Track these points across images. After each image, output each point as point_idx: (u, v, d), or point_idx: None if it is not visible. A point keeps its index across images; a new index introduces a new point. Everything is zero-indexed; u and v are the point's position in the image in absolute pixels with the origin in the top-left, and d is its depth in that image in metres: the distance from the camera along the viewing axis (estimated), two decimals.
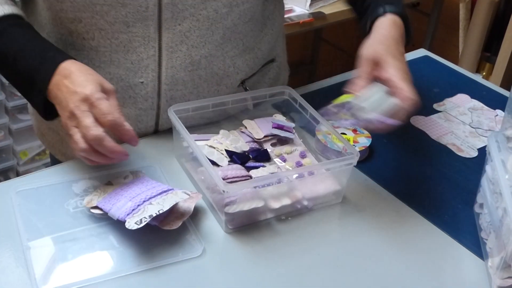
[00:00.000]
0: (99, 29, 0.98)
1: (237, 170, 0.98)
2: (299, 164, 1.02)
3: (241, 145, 1.05)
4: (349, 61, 1.06)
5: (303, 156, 1.05)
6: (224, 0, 1.01)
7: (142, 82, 1.03)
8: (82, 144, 0.85)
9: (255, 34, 1.12)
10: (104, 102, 0.86)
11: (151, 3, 0.96)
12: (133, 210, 0.87)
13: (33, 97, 0.94)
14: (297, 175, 0.95)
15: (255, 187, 0.92)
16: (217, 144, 1.03)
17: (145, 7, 0.96)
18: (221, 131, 1.07)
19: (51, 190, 0.98)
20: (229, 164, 1.00)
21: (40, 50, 0.93)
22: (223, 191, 0.88)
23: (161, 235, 0.90)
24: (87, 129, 0.84)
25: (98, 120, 0.85)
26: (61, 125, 1.11)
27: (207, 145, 1.03)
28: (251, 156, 1.03)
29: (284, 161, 1.04)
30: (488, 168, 0.96)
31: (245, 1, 1.04)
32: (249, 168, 1.00)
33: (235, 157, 1.01)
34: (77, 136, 0.85)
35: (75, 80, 0.87)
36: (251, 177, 0.98)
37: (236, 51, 1.09)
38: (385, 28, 0.98)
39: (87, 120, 0.85)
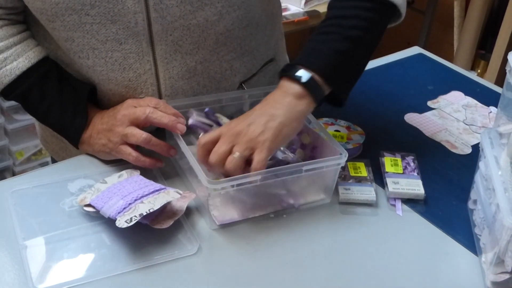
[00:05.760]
0: (92, 48, 0.98)
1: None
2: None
3: None
4: None
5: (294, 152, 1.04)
6: (213, 9, 0.99)
7: (143, 97, 1.03)
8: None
9: (254, 37, 1.11)
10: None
11: (139, 19, 0.96)
12: (124, 208, 0.87)
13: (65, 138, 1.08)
14: (283, 173, 0.93)
15: (238, 185, 0.90)
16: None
17: (134, 22, 0.96)
18: (216, 114, 1.05)
19: (46, 190, 0.98)
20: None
21: (66, 108, 1.03)
22: (207, 187, 0.88)
23: (156, 234, 0.90)
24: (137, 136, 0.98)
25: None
26: None
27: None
28: None
29: None
30: (481, 164, 0.97)
31: (236, 8, 1.03)
32: None
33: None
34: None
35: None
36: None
37: (234, 54, 1.09)
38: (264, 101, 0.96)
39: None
